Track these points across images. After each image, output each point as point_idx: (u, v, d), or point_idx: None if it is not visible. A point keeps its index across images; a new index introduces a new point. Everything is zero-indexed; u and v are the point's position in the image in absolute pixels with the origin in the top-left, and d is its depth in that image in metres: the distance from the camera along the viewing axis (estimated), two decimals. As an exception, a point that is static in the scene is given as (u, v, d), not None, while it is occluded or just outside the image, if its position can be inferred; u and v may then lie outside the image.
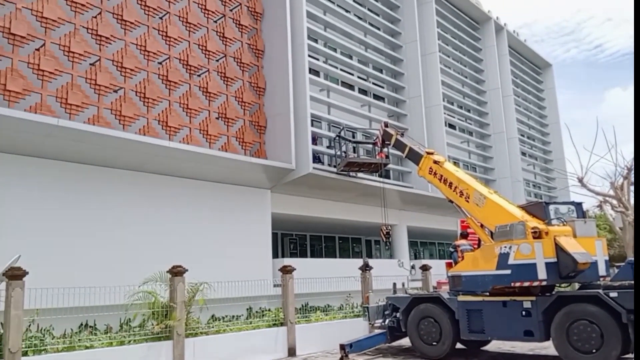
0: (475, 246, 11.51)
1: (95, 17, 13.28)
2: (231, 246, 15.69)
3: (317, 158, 18.56)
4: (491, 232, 10.46)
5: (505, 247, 9.62)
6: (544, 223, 9.74)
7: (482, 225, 10.90)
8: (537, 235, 9.41)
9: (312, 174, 16.93)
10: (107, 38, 13.40)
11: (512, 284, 9.44)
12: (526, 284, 9.33)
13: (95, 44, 13.21)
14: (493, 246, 9.98)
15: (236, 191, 16.46)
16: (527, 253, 9.29)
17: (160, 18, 14.91)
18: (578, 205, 10.55)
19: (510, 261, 9.46)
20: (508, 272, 9.48)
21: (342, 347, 10.89)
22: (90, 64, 13.10)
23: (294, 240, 22.60)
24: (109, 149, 13.12)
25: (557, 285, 10.11)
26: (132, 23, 14.03)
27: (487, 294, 10.07)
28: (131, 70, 13.84)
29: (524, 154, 32.92)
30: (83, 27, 12.98)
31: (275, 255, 18.16)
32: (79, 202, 12.89)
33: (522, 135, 33.63)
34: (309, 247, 23.34)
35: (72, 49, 12.63)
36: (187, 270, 10.70)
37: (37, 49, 12.04)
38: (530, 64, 38.17)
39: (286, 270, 12.28)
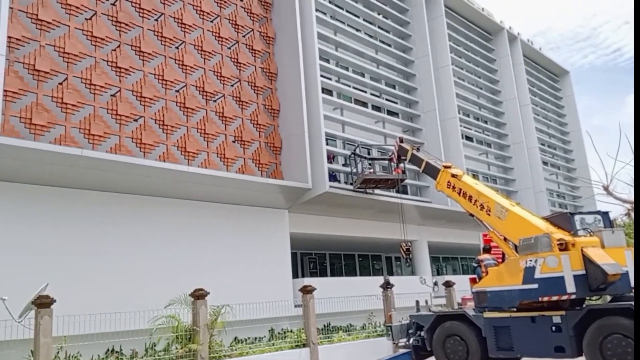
0: (500, 260, 11.30)
1: (115, 50, 13.74)
2: (251, 267, 15.74)
3: (333, 176, 18.59)
4: (515, 246, 10.28)
5: (531, 260, 9.42)
6: (570, 234, 9.53)
7: (505, 239, 10.72)
8: (564, 247, 9.21)
9: (328, 193, 16.96)
10: (126, 69, 13.83)
11: (540, 299, 9.21)
12: (554, 298, 9.09)
13: (115, 76, 13.64)
14: (518, 260, 9.78)
15: (254, 212, 16.58)
16: (553, 266, 9.06)
17: (177, 47, 15.34)
18: (605, 214, 10.29)
19: (537, 275, 9.24)
20: (535, 286, 9.26)
21: (367, 368, 10.71)
22: (111, 95, 13.51)
23: (313, 260, 22.53)
24: (131, 177, 13.42)
25: (587, 298, 9.81)
26: (149, 54, 14.47)
27: (515, 309, 9.84)
28: (150, 99, 14.22)
29: (545, 163, 32.35)
30: (103, 60, 13.45)
31: (295, 275, 18.11)
32: (103, 229, 13.16)
33: (543, 145, 33.11)
34: (328, 265, 23.22)
35: (94, 82, 13.06)
36: (208, 293, 10.77)
37: (60, 83, 12.50)
38: (547, 72, 37.80)
39: (306, 290, 12.24)
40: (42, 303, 8.83)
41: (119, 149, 13.30)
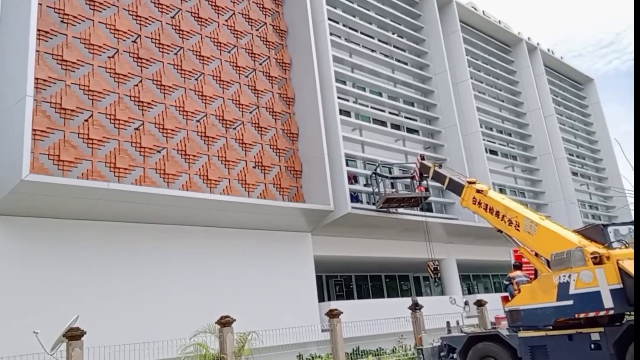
0: (532, 277, 10.92)
1: (137, 85, 14.22)
2: (276, 292, 15.66)
3: (355, 197, 18.49)
4: (547, 261, 9.91)
5: (565, 276, 9.04)
6: (604, 247, 9.11)
7: (536, 254, 10.36)
8: (598, 260, 8.79)
9: (351, 214, 16.84)
10: (148, 103, 14.26)
11: (577, 316, 8.78)
12: (592, 314, 8.64)
13: (138, 110, 14.07)
14: (551, 276, 9.41)
15: (277, 237, 16.59)
16: (589, 281, 8.66)
17: (196, 79, 15.76)
18: (640, 224, 9.83)
19: (572, 291, 8.84)
20: (570, 302, 8.85)
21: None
22: (135, 129, 13.91)
23: (339, 282, 22.26)
24: (155, 207, 13.67)
25: (627, 313, 9.32)
26: (170, 87, 14.90)
27: (550, 327, 9.40)
28: (172, 130, 14.57)
29: (575, 173, 31.40)
30: (126, 95, 13.91)
31: (321, 298, 17.91)
32: (129, 260, 13.39)
33: (571, 155, 32.23)
34: (355, 288, 22.87)
35: (118, 117, 13.49)
36: (234, 320, 10.73)
37: (86, 120, 12.96)
38: (570, 80, 37.08)
39: (333, 314, 12.05)
40: (73, 335, 8.97)
41: (144, 180, 13.60)
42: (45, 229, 12.28)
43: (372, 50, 22.35)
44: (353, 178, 18.90)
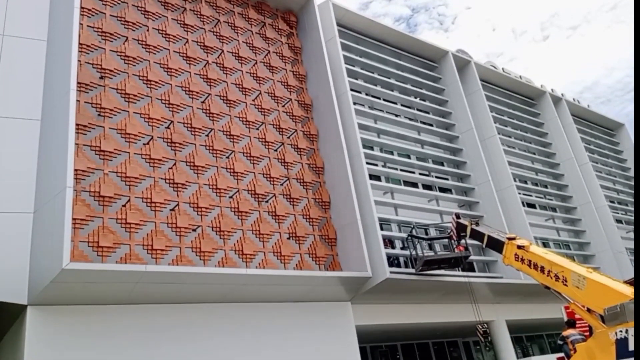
0: (587, 334, 10.15)
1: (171, 168, 14.75)
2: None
3: (394, 262, 17.95)
4: (601, 316, 9.21)
5: (621, 331, 8.36)
6: (661, 296, 8.38)
7: (589, 310, 9.66)
8: (656, 311, 8.07)
9: (390, 279, 16.27)
10: (182, 184, 14.68)
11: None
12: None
13: (172, 191, 14.48)
14: (607, 332, 8.75)
15: (316, 308, 16.06)
16: (649, 335, 7.89)
17: (227, 157, 16.26)
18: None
19: (631, 347, 8.12)
20: None
21: None
22: (170, 210, 14.22)
23: (384, 353, 21.07)
24: (192, 286, 13.58)
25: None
26: (202, 167, 15.39)
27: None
28: (206, 208, 14.83)
29: (619, 221, 29.89)
30: (161, 178, 14.40)
31: (367, 373, 16.87)
32: (166, 340, 13.13)
33: (612, 202, 30.91)
34: (402, 358, 21.55)
35: (154, 199, 13.88)
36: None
37: (124, 205, 13.37)
38: (601, 127, 36.54)
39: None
40: None
41: (180, 260, 13.66)
42: (84, 316, 12.29)
43: (397, 115, 22.78)
44: (389, 242, 18.48)
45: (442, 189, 22.46)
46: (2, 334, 13.87)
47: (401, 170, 21.23)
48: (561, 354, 10.92)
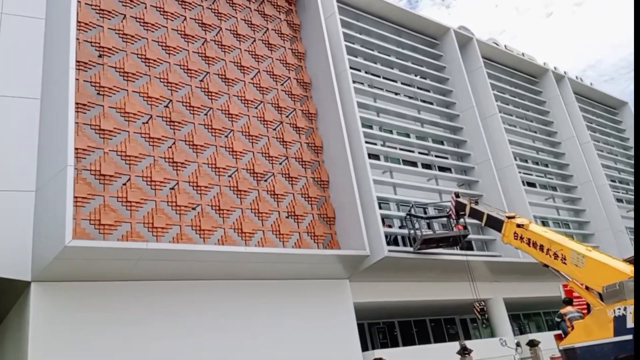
0: (585, 312, 10.31)
1: (171, 147, 14.84)
2: (317, 343, 15.26)
3: (392, 240, 18.15)
4: (599, 294, 9.37)
5: (619, 309, 8.53)
6: (659, 275, 8.53)
7: (587, 288, 9.82)
8: (654, 290, 8.23)
9: (388, 258, 16.49)
10: (182, 163, 14.79)
11: (639, 353, 8.12)
12: (655, 350, 7.98)
13: (172, 170, 14.60)
14: (605, 310, 8.91)
15: (315, 286, 16.35)
16: (646, 313, 8.08)
17: (226, 136, 16.31)
18: (695, 248, 9.18)
19: (629, 324, 8.30)
20: (629, 337, 8.32)
21: None
22: (170, 189, 14.37)
23: (382, 329, 21.48)
24: (192, 263, 13.84)
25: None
26: (202, 146, 15.47)
27: (611, 367, 8.70)
28: (205, 187, 14.97)
29: (620, 200, 29.95)
30: (161, 157, 14.51)
31: (364, 347, 17.26)
32: (166, 316, 13.48)
33: (613, 181, 30.89)
34: (399, 334, 21.99)
35: (154, 178, 14.02)
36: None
37: (124, 184, 13.53)
38: (604, 106, 36.21)
39: (377, 366, 11.55)
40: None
41: (180, 237, 13.88)
42: (87, 292, 12.61)
43: (396, 94, 22.66)
44: (388, 224, 18.64)
45: (442, 168, 22.50)
46: (8, 309, 14.25)
47: (400, 149, 21.23)
48: (559, 332, 11.08)
